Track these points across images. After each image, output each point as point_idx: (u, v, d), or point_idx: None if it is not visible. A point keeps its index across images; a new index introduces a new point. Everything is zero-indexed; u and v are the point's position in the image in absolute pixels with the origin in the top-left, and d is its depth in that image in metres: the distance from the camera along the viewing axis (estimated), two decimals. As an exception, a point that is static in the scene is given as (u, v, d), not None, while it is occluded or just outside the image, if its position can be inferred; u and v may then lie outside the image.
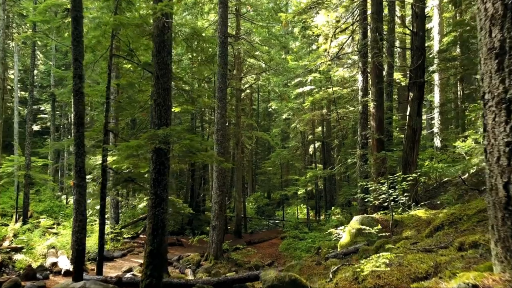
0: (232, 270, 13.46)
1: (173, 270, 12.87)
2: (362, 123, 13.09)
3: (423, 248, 4.30)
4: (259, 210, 32.97)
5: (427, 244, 4.55)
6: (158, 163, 6.76)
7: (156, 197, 6.72)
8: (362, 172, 12.65)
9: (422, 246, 4.44)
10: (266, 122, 44.63)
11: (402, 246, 4.91)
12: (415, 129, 12.06)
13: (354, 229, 8.48)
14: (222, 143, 14.17)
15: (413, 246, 4.70)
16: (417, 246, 4.59)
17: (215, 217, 14.05)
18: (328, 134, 24.67)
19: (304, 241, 17.35)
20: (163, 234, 6.70)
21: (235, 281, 8.05)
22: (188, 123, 27.76)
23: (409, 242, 5.23)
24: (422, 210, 8.59)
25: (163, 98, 6.89)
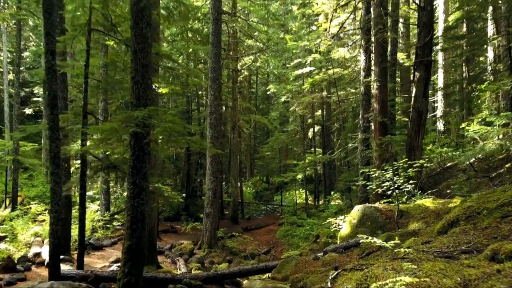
0: (226, 259, 12.91)
1: (164, 259, 12.30)
2: (364, 105, 12.31)
3: (440, 251, 3.60)
4: (257, 195, 32.44)
5: (444, 245, 3.85)
6: (137, 149, 6.04)
7: (135, 187, 6.01)
8: (364, 158, 11.94)
9: (438, 248, 3.74)
10: (265, 106, 43.76)
11: (412, 246, 4.21)
12: (420, 111, 11.29)
13: (355, 219, 7.82)
14: (216, 127, 13.41)
15: (426, 247, 4.00)
16: (431, 247, 3.89)
17: (209, 204, 13.42)
18: (328, 118, 23.87)
19: (302, 228, 16.78)
20: (143, 228, 6.03)
21: (225, 276, 7.42)
22: (184, 106, 26.96)
23: (420, 240, 4.53)
24: (429, 199, 7.91)
25: (142, 76, 6.10)
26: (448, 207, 6.94)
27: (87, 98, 8.20)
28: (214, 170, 13.38)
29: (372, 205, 7.83)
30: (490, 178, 9.30)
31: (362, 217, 7.66)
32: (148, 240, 10.37)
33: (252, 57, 24.79)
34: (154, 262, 10.53)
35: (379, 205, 7.81)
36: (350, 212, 15.40)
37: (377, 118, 11.44)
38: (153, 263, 10.44)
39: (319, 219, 16.37)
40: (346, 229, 7.98)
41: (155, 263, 10.53)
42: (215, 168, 13.40)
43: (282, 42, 23.80)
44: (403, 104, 18.40)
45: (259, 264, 7.49)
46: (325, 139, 24.31)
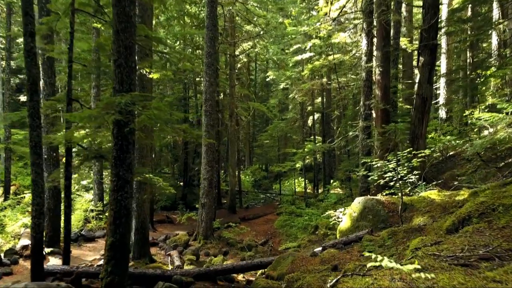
0: (222, 250, 12.55)
1: (158, 251, 11.94)
2: (366, 92, 11.79)
3: (454, 255, 3.15)
4: (256, 183, 32.08)
5: (457, 247, 3.40)
6: (120, 138, 5.56)
7: (119, 179, 5.55)
8: (365, 147, 11.47)
9: (452, 252, 3.29)
10: (264, 93, 43.15)
11: (421, 249, 3.77)
12: (425, 98, 10.78)
13: (355, 212, 7.39)
14: (212, 114, 12.90)
15: (436, 249, 3.56)
16: (442, 250, 3.44)
17: (205, 194, 13.00)
18: (328, 105, 23.33)
19: (300, 218, 16.42)
20: (127, 223, 5.59)
21: (218, 273, 7.03)
22: (181, 93, 26.36)
23: (429, 240, 4.09)
24: (434, 191, 7.46)
25: (125, 58, 5.59)
26: (455, 200, 6.49)
27: (71, 83, 7.68)
28: (210, 159, 12.92)
29: (374, 198, 7.39)
30: (498, 168, 8.85)
31: (363, 210, 7.23)
32: (140, 233, 10.00)
33: (250, 43, 24.11)
34: (147, 255, 10.17)
35: (381, 197, 7.37)
36: (350, 203, 15.03)
37: (379, 105, 10.93)
38: (145, 256, 10.08)
39: (318, 209, 15.99)
40: (346, 223, 7.56)
41: (147, 255, 10.16)
42: (211, 157, 12.94)
43: (281, 27, 23.11)
44: (405, 90, 17.85)
45: (253, 260, 7.10)
46: (325, 127, 23.82)
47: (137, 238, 9.98)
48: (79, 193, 16.87)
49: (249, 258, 12.16)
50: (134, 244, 10.05)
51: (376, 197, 7.45)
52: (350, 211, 7.62)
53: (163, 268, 7.84)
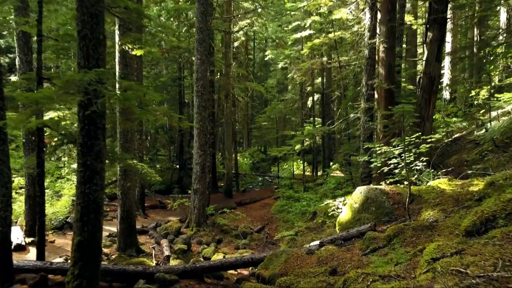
0: (216, 238, 11.97)
1: (148, 240, 11.34)
2: (368, 71, 10.95)
3: (486, 276, 2.45)
4: (254, 166, 31.46)
5: (486, 261, 2.70)
6: (87, 122, 4.82)
7: (86, 169, 4.84)
8: (367, 130, 10.72)
9: (482, 268, 2.59)
10: (263, 73, 42.11)
11: (439, 260, 3.07)
12: (432, 77, 9.98)
13: (357, 203, 6.70)
14: (204, 95, 12.09)
15: (460, 262, 2.85)
16: (468, 265, 2.74)
17: (197, 180, 12.33)
18: (328, 85, 22.44)
19: (298, 203, 15.82)
20: (97, 220, 4.91)
21: (205, 270, 6.39)
22: (176, 73, 25.40)
23: (447, 246, 3.38)
24: (444, 179, 6.75)
25: (91, 29, 4.79)
26: (469, 191, 5.80)
27: (41, 60, 6.87)
28: (202, 143, 12.19)
29: (378, 187, 6.69)
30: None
31: (366, 201, 6.54)
32: (126, 222, 9.36)
33: (248, 20, 23.02)
34: (134, 245, 9.56)
35: (386, 187, 6.67)
36: (350, 188, 14.38)
37: (383, 85, 10.13)
38: (132, 246, 9.48)
39: (317, 193, 15.36)
40: (346, 214, 6.88)
41: (134, 246, 9.55)
42: (203, 141, 12.20)
43: (279, 3, 22.01)
44: (409, 70, 16.98)
45: (243, 257, 6.45)
46: (325, 108, 23.00)
47: (123, 228, 9.35)
48: (69, 177, 16.17)
49: (243, 246, 11.60)
50: (120, 234, 9.44)
51: (379, 186, 6.76)
52: (351, 201, 6.94)
53: (146, 263, 7.21)
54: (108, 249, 9.48)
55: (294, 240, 11.42)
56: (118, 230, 9.46)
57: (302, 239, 11.37)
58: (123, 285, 6.53)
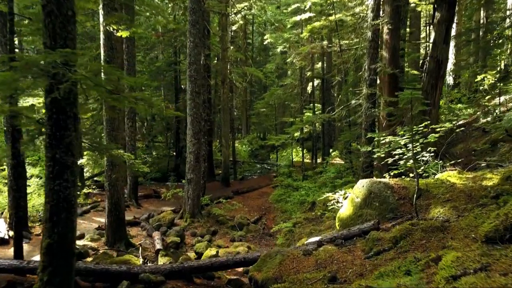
0: (210, 230, 11.52)
1: (139, 232, 10.89)
2: (371, 54, 10.29)
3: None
4: (252, 153, 30.94)
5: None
6: (55, 111, 4.26)
7: (55, 164, 4.30)
8: (369, 117, 10.13)
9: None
10: (262, 58, 41.28)
11: (461, 278, 2.54)
12: (439, 60, 9.37)
13: (358, 198, 6.18)
14: (197, 80, 11.48)
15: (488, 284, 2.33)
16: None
17: (191, 169, 11.82)
18: (328, 70, 21.75)
19: (297, 192, 15.36)
20: (69, 220, 4.39)
21: (193, 270, 5.91)
22: (171, 57, 24.63)
23: (468, 260, 2.86)
24: (453, 172, 6.22)
25: (57, 4, 4.18)
26: (482, 185, 5.27)
27: (13, 40, 6.26)
28: (196, 131, 11.63)
29: (381, 180, 6.16)
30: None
31: (368, 195, 6.02)
32: (114, 215, 8.88)
33: (246, 3, 22.17)
34: (123, 239, 9.09)
35: (390, 181, 6.14)
36: (350, 177, 13.89)
37: (387, 70, 9.52)
38: (121, 240, 9.01)
39: (316, 183, 14.88)
40: (347, 209, 6.37)
41: (123, 240, 9.08)
42: (197, 129, 11.64)
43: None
44: (412, 54, 16.30)
45: (235, 256, 5.96)
46: (325, 94, 22.37)
47: (111, 221, 8.87)
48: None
49: (239, 238, 11.16)
50: (108, 227, 8.96)
51: (383, 180, 6.22)
52: (352, 195, 6.42)
53: (131, 262, 6.73)
54: (96, 243, 9.03)
55: (292, 232, 10.97)
56: (106, 223, 8.99)
57: (300, 231, 10.92)
58: (106, 285, 6.07)
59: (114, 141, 8.67)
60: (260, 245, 10.83)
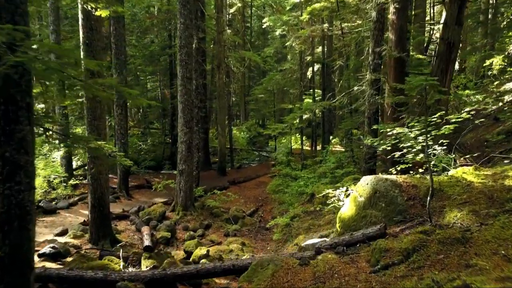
0: (204, 224, 10.92)
1: (128, 226, 10.29)
2: (376, 36, 9.51)
3: None
4: (251, 140, 30.22)
5: None
6: (2, 101, 3.57)
7: (5, 163, 3.63)
8: (372, 104, 9.42)
9: None
10: (261, 42, 40.24)
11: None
12: (451, 43, 8.59)
13: (362, 197, 5.52)
14: (188, 65, 10.72)
15: None
16: None
17: (183, 160, 11.16)
18: (329, 55, 20.88)
19: (295, 183, 14.74)
20: (23, 228, 3.74)
21: (177, 277, 5.29)
22: (166, 41, 23.70)
23: None
24: (469, 167, 5.55)
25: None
26: (505, 185, 4.61)
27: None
28: (188, 119, 10.93)
29: (388, 178, 5.48)
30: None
31: (373, 194, 5.36)
32: (97, 210, 8.25)
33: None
34: (108, 235, 8.49)
35: (398, 178, 5.46)
36: (351, 167, 13.23)
37: (393, 53, 8.75)
38: (106, 237, 8.41)
39: (315, 173, 14.24)
40: (349, 209, 5.72)
41: (108, 237, 8.48)
42: (189, 117, 10.93)
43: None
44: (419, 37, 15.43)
45: (223, 263, 5.33)
46: (326, 79, 21.54)
47: (94, 217, 8.24)
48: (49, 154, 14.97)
49: (234, 233, 10.57)
50: (91, 223, 8.35)
51: (390, 177, 5.55)
52: (354, 193, 5.76)
53: (110, 267, 6.11)
54: (79, 240, 8.42)
55: (289, 226, 10.39)
56: (89, 219, 8.37)
57: (298, 225, 10.34)
58: (82, 293, 5.48)
59: (95, 131, 7.98)
60: (256, 240, 10.26)
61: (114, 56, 12.68)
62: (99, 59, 7.98)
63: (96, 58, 7.89)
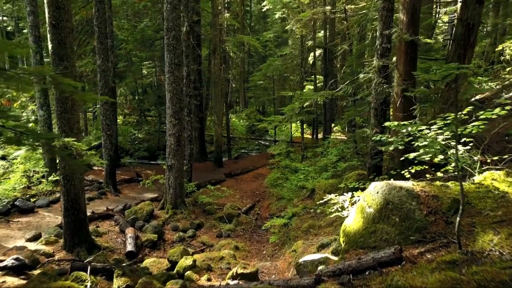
0: (195, 223, 10.10)
1: (111, 227, 9.44)
2: (385, 17, 8.45)
3: None
4: (250, 128, 29.28)
5: None
6: None
7: None
8: (380, 94, 8.42)
9: None
10: (261, 26, 38.95)
11: None
12: (470, 24, 7.57)
13: (371, 207, 4.62)
14: (176, 50, 9.70)
15: None
16: None
17: (171, 154, 10.26)
18: (331, 39, 19.75)
19: (295, 175, 13.85)
20: None
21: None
22: (161, 25, 22.53)
23: None
24: (499, 173, 4.62)
25: None
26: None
27: None
28: (176, 110, 9.98)
29: (403, 185, 4.55)
30: None
31: (385, 206, 4.46)
32: (71, 214, 7.40)
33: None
34: (84, 241, 7.65)
35: (415, 186, 4.53)
36: (355, 161, 12.29)
37: (405, 36, 7.73)
38: (81, 244, 7.58)
39: (316, 166, 13.33)
40: (355, 221, 4.83)
41: (85, 242, 7.65)
42: (178, 107, 9.98)
43: None
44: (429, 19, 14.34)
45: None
46: (328, 65, 20.45)
47: (68, 222, 7.38)
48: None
49: (227, 234, 9.75)
50: (65, 229, 7.49)
51: (405, 184, 4.61)
52: (362, 202, 4.86)
53: (73, 288, 5.23)
54: (52, 247, 7.57)
55: (288, 226, 9.56)
56: (63, 224, 7.51)
57: (297, 225, 9.50)
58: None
59: (67, 125, 7.07)
60: (251, 241, 9.43)
61: (97, 40, 11.66)
62: (69, 42, 7.01)
63: (65, 42, 6.93)
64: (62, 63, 6.95)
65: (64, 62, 6.97)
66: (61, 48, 6.91)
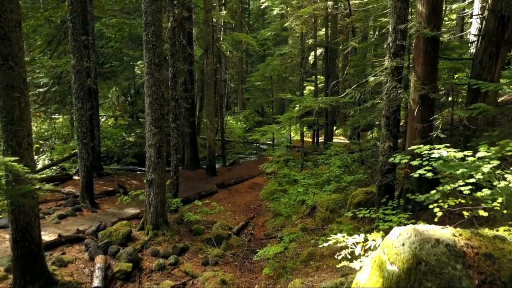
0: (178, 247, 8.82)
1: (80, 254, 8.13)
2: (399, 10, 7.14)
3: None
4: (248, 131, 27.95)
5: None
6: None
7: None
8: (392, 100, 7.13)
9: None
10: (260, 24, 37.72)
11: None
12: (504, 17, 6.28)
13: (394, 264, 3.32)
14: (156, 48, 8.40)
15: None
16: None
17: (151, 168, 8.98)
18: (333, 37, 18.47)
19: (294, 188, 12.55)
20: None
21: None
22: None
23: None
24: None
25: None
26: None
27: None
28: (157, 117, 8.69)
29: (439, 238, 3.24)
30: None
31: (415, 266, 3.16)
32: (22, 246, 6.11)
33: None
34: (38, 278, 6.36)
35: (458, 239, 3.22)
36: (361, 174, 10.99)
37: (424, 31, 6.43)
38: (35, 280, 6.27)
39: (317, 178, 12.03)
40: (372, 282, 3.52)
41: (39, 279, 6.35)
42: (158, 114, 8.69)
43: None
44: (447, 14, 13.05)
45: None
46: (329, 65, 19.18)
47: (17, 255, 6.09)
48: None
49: (214, 261, 8.45)
50: (13, 265, 6.20)
51: (444, 235, 3.30)
52: (380, 255, 3.54)
53: None
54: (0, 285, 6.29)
55: (284, 253, 8.27)
56: (12, 259, 6.22)
57: (295, 251, 8.23)
58: None
59: (14, 139, 5.79)
60: (242, 271, 8.13)
61: (71, 37, 10.37)
62: (15, 38, 5.72)
63: (9, 38, 5.65)
64: (6, 63, 5.67)
65: (9, 62, 5.69)
66: (4, 46, 5.64)
